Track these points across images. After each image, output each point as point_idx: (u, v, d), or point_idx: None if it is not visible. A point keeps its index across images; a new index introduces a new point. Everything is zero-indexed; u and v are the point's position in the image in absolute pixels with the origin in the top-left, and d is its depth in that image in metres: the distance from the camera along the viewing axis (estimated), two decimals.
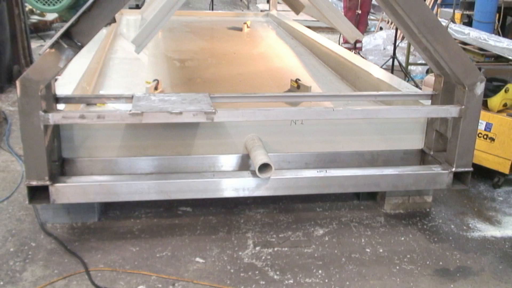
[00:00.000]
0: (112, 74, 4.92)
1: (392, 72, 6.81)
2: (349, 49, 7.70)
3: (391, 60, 7.21)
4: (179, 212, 3.49)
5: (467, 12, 6.77)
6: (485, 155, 4.09)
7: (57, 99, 3.06)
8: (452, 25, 6.28)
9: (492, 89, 4.11)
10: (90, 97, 3.20)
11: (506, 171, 3.99)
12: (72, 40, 2.57)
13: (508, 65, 4.86)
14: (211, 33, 7.15)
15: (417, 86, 6.56)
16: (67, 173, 3.18)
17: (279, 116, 2.97)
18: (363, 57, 7.77)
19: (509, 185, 4.12)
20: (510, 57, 5.08)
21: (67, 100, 3.10)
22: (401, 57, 8.03)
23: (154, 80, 4.33)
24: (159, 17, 3.38)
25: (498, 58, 5.49)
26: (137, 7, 14.77)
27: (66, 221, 3.30)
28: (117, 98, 3.14)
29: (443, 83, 3.29)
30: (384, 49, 9.20)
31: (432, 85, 4.08)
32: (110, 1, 2.51)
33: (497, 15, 6.52)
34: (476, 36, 5.70)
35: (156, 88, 4.33)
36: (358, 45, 8.49)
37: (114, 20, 6.37)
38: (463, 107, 3.08)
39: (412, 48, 7.20)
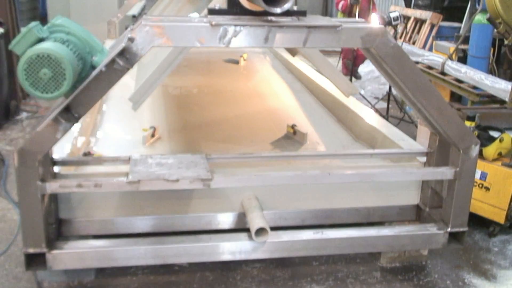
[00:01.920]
0: (110, 116, 4.93)
1: (387, 107, 6.85)
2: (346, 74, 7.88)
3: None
4: (176, 268, 3.50)
5: (462, 47, 6.81)
6: (481, 204, 4.10)
7: (54, 162, 3.07)
8: (448, 61, 6.32)
9: (487, 138, 4.14)
10: (87, 160, 3.21)
11: (501, 221, 4.01)
12: (70, 113, 2.59)
13: (503, 108, 4.89)
14: (208, 67, 7.18)
15: (412, 121, 6.60)
16: (64, 233, 3.19)
17: (275, 181, 2.99)
18: (359, 93, 7.80)
19: (504, 233, 4.14)
20: (505, 99, 5.11)
21: (64, 163, 3.11)
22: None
23: (151, 128, 4.35)
24: (156, 76, 3.41)
25: (492, 97, 5.52)
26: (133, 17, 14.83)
27: (63, 280, 3.30)
28: (114, 160, 3.15)
29: (438, 141, 3.32)
30: (380, 75, 9.24)
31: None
32: (108, 76, 2.53)
33: (492, 50, 6.56)
34: (473, 75, 5.73)
35: (153, 135, 4.35)
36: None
37: None
38: (457, 169, 3.10)
39: None
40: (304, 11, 2.94)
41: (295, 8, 2.88)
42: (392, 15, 6.04)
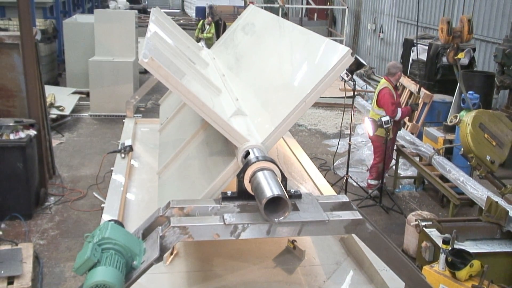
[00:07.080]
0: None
1: (380, 199, 7.45)
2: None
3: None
4: None
5: (449, 137, 7.46)
6: None
7: None
8: (436, 156, 6.98)
9: (460, 263, 4.81)
10: None
11: None
12: None
13: (478, 221, 5.52)
14: None
15: (401, 212, 7.23)
16: None
17: None
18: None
19: None
20: (482, 206, 5.75)
21: None
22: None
23: None
24: None
25: (472, 201, 6.18)
26: (146, 71, 15.55)
27: None
28: None
29: None
30: None
31: (414, 226, 4.83)
32: (144, 270, 3.23)
33: None
34: (456, 177, 6.37)
35: (171, 253, 5.04)
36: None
37: (131, 149, 7.06)
38: None
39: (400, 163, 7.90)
40: (299, 194, 3.64)
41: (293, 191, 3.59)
42: (384, 119, 6.72)
